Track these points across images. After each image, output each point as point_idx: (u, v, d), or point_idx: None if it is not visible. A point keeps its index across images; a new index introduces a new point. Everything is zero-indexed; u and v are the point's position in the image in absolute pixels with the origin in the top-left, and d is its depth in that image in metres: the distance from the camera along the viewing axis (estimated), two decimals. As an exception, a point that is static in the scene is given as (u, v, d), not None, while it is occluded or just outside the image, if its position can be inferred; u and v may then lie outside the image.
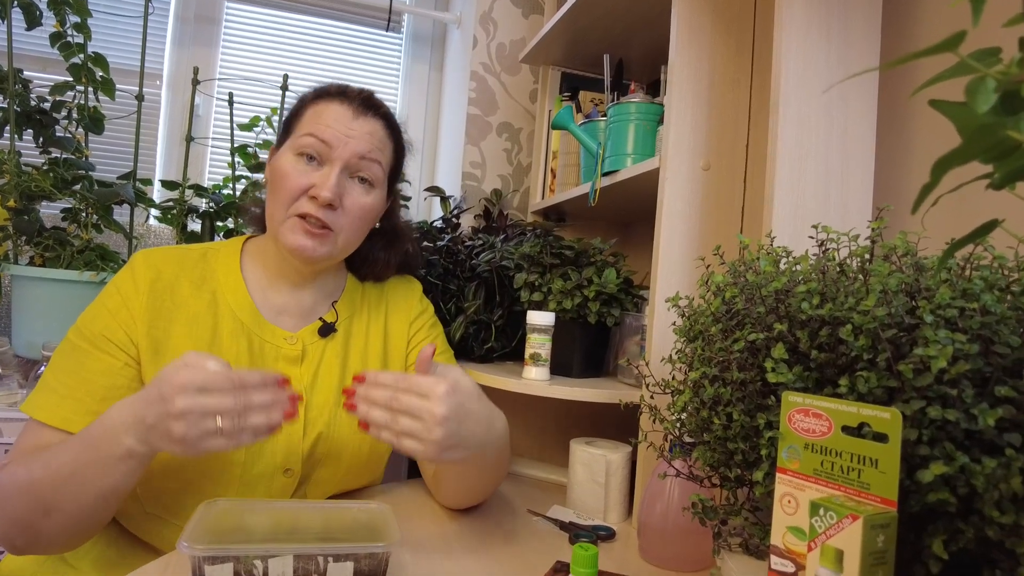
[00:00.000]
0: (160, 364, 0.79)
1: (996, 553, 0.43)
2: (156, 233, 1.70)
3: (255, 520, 0.69)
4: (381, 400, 0.68)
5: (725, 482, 0.58)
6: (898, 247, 0.53)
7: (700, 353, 0.58)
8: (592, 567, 0.61)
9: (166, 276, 0.84)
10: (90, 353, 0.78)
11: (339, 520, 0.71)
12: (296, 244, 0.82)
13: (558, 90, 1.50)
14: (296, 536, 0.65)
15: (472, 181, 1.59)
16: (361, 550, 0.62)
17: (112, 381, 0.78)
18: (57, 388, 0.77)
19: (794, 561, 0.46)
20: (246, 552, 0.60)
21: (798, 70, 0.78)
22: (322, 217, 0.81)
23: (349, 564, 0.62)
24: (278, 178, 0.83)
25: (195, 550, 0.58)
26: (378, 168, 0.86)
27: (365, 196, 0.85)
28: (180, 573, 0.69)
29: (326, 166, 0.82)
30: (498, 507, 0.98)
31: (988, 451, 0.43)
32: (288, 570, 0.61)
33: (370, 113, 0.86)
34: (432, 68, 1.99)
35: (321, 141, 0.82)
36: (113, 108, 1.55)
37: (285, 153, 0.84)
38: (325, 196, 0.80)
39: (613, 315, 1.06)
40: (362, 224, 0.87)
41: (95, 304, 0.82)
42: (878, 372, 0.45)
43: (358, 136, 0.83)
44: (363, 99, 0.86)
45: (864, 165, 0.81)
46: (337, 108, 0.84)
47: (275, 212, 0.84)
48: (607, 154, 1.08)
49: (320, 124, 0.82)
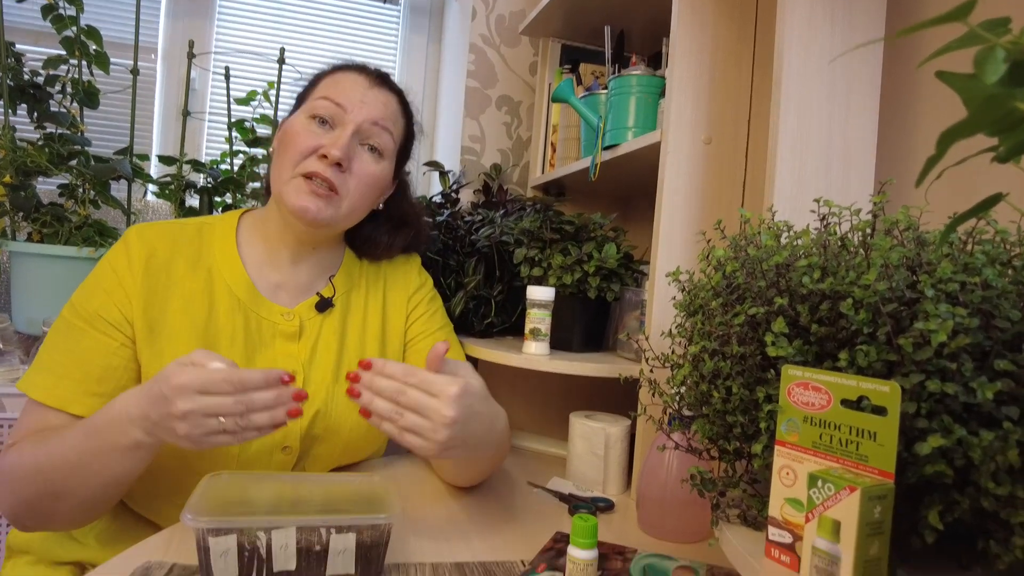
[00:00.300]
0: (156, 344, 0.79)
1: (991, 524, 0.44)
2: (154, 209, 1.70)
3: (258, 492, 0.69)
4: (387, 391, 0.66)
5: (723, 455, 0.58)
6: (900, 221, 0.53)
7: (700, 327, 0.58)
8: (591, 537, 0.62)
9: (161, 254, 0.83)
10: (86, 332, 0.78)
11: (341, 492, 0.71)
12: (300, 204, 0.81)
13: (558, 62, 1.48)
14: (299, 508, 0.66)
15: (471, 155, 1.57)
16: (363, 522, 0.63)
17: (108, 361, 0.78)
18: (53, 368, 0.77)
19: (792, 532, 0.46)
20: (249, 524, 0.61)
21: (801, 43, 0.77)
22: (330, 177, 0.81)
23: (351, 535, 0.63)
24: (288, 138, 0.83)
25: (199, 522, 0.59)
26: (388, 138, 0.86)
27: (374, 164, 0.86)
28: (184, 545, 0.70)
29: (338, 128, 0.83)
30: (499, 480, 0.99)
31: (986, 424, 0.43)
32: (291, 541, 0.62)
33: (386, 87, 0.88)
34: (431, 40, 1.96)
35: (335, 104, 0.83)
36: (108, 82, 1.54)
37: (298, 116, 0.85)
38: (335, 154, 0.80)
39: (613, 290, 1.06)
40: (367, 192, 0.86)
41: (89, 281, 0.81)
42: (878, 346, 0.45)
43: (372, 103, 0.85)
44: (379, 74, 0.89)
45: (867, 139, 0.81)
46: (354, 77, 0.86)
47: (281, 172, 0.83)
48: (608, 128, 1.07)
49: (336, 88, 0.84)
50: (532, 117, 1.60)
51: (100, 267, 0.82)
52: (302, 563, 0.62)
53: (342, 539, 0.63)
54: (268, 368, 0.67)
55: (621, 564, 0.70)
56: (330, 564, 0.63)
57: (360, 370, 0.68)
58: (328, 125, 0.83)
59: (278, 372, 0.65)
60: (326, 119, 0.83)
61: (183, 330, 0.81)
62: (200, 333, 0.81)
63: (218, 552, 0.60)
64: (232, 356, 0.82)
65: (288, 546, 0.61)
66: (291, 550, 0.62)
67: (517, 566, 0.70)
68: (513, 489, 0.95)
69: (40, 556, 0.85)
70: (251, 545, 0.61)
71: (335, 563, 0.63)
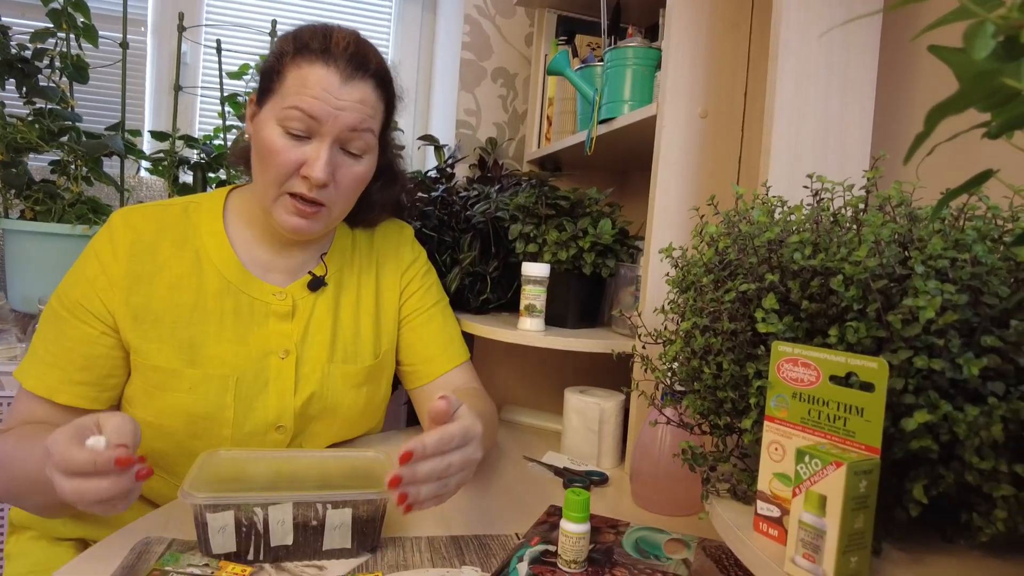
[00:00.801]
0: (142, 330, 0.79)
1: (974, 497, 0.45)
2: (148, 185, 1.68)
3: (255, 469, 0.70)
4: (431, 475, 0.61)
5: (715, 429, 0.59)
6: (892, 197, 0.52)
7: (692, 304, 0.59)
8: (584, 511, 0.63)
9: (146, 237, 0.82)
10: (69, 321, 0.78)
11: (337, 468, 0.72)
12: (290, 225, 0.80)
13: (554, 34, 1.45)
14: (295, 484, 0.67)
15: (466, 129, 1.56)
16: (359, 497, 0.64)
17: (90, 351, 0.78)
18: (44, 356, 0.77)
19: (779, 506, 0.47)
20: (246, 500, 0.62)
21: (798, 15, 0.75)
22: (315, 197, 0.79)
23: (348, 511, 0.64)
24: (265, 151, 0.78)
25: (197, 498, 0.60)
26: (370, 136, 0.81)
27: (358, 166, 0.82)
28: (182, 521, 0.71)
29: (315, 139, 0.78)
30: (494, 454, 1.00)
31: (972, 399, 0.43)
32: (287, 517, 0.62)
33: (359, 75, 0.78)
34: (425, 10, 1.93)
35: (309, 116, 0.76)
36: (97, 56, 1.51)
37: (269, 122, 0.78)
38: (318, 178, 0.76)
39: (608, 266, 1.06)
40: (356, 191, 0.85)
41: (74, 269, 0.81)
42: (868, 322, 0.46)
43: (348, 107, 0.77)
44: (349, 58, 0.78)
45: (863, 112, 0.80)
46: (322, 74, 0.76)
47: (266, 187, 0.80)
48: (604, 101, 1.06)
49: (305, 95, 0.76)
50: (528, 90, 1.58)
51: (85, 254, 0.81)
52: (299, 538, 0.63)
53: (338, 514, 0.64)
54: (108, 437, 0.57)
55: (614, 537, 0.71)
56: (327, 538, 0.64)
57: (399, 468, 0.59)
58: (304, 135, 0.78)
59: (108, 455, 0.55)
60: (301, 131, 0.77)
61: (169, 313, 0.80)
62: (187, 316, 0.81)
63: (216, 527, 0.61)
64: (223, 337, 0.82)
65: (285, 521, 0.62)
66: (288, 525, 0.63)
67: (512, 539, 0.71)
68: (509, 463, 0.96)
69: (42, 532, 0.87)
70: (248, 520, 0.62)
71: (332, 537, 0.64)
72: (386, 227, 1.01)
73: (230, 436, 0.81)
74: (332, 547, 0.65)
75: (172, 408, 0.79)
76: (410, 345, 0.98)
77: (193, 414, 0.79)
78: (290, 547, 0.63)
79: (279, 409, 0.83)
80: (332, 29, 0.81)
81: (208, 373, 0.80)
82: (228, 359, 0.81)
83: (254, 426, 0.82)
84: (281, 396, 0.83)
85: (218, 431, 0.80)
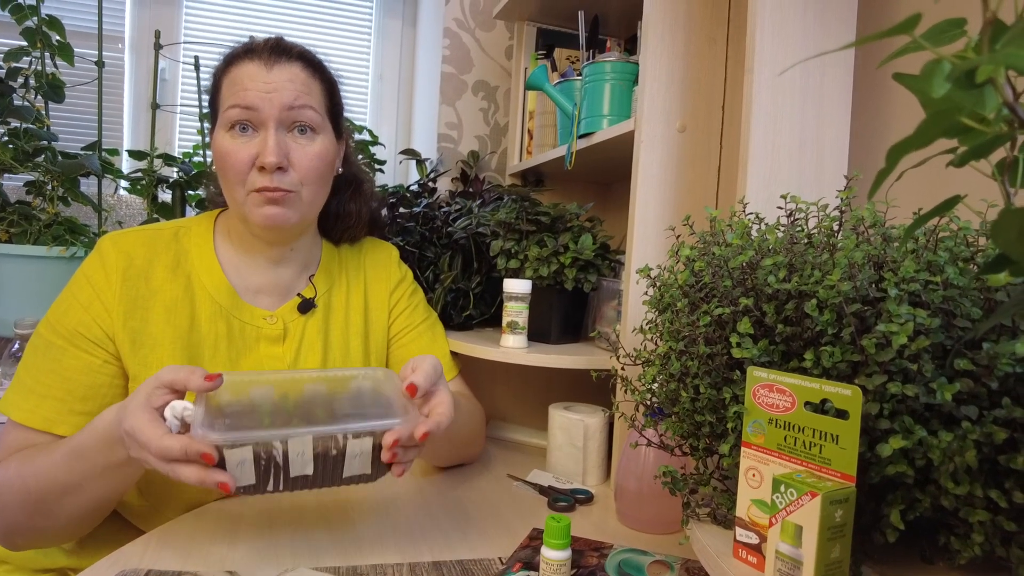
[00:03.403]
0: (140, 355, 0.78)
1: (952, 520, 0.44)
2: (127, 204, 1.67)
3: (259, 395, 0.68)
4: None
5: (694, 452, 0.58)
6: (866, 218, 0.52)
7: (669, 326, 0.58)
8: (564, 538, 0.62)
9: (138, 262, 0.81)
10: (66, 351, 0.76)
11: (344, 391, 0.71)
12: (264, 216, 0.79)
13: (534, 47, 1.45)
14: (304, 409, 0.66)
15: (448, 143, 1.55)
16: (379, 426, 0.63)
17: (92, 380, 0.76)
18: (35, 388, 0.75)
19: (758, 533, 0.47)
20: (266, 437, 0.60)
21: (774, 30, 0.76)
22: (277, 184, 0.78)
23: (368, 439, 0.63)
24: (221, 159, 0.79)
25: (213, 437, 0.57)
26: (311, 112, 0.81)
27: (311, 145, 0.82)
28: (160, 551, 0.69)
29: (261, 130, 0.79)
30: (479, 472, 0.99)
31: (947, 423, 0.43)
32: (307, 449, 0.61)
33: (283, 59, 0.80)
34: (405, 23, 1.92)
35: (245, 108, 0.78)
36: (74, 74, 1.50)
37: (219, 132, 0.80)
38: (270, 161, 0.77)
39: (590, 280, 1.05)
40: (320, 173, 0.83)
41: (65, 295, 0.79)
42: (842, 346, 0.45)
43: (278, 87, 0.78)
44: (271, 47, 0.81)
45: (840, 129, 0.80)
46: (248, 67, 0.79)
47: (234, 194, 0.81)
48: (583, 115, 1.05)
49: (238, 90, 0.78)
50: (509, 103, 1.58)
51: (75, 280, 0.80)
52: (319, 467, 0.62)
53: (359, 443, 0.63)
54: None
55: (597, 560, 0.70)
56: (347, 466, 0.63)
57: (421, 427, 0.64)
58: (251, 130, 0.79)
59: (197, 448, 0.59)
60: (246, 125, 0.79)
61: (166, 338, 0.79)
62: (183, 341, 0.80)
63: (234, 462, 0.59)
64: (216, 362, 0.81)
65: (304, 453, 0.61)
66: (307, 456, 0.61)
67: (495, 563, 0.70)
68: (493, 482, 0.96)
69: (20, 564, 0.85)
70: (267, 454, 0.60)
71: (352, 465, 0.63)
72: (373, 248, 1.02)
73: None
74: (352, 474, 0.64)
75: None
76: (401, 362, 0.98)
77: None
78: (310, 476, 0.62)
79: None
80: (253, 36, 0.84)
81: None
82: None
83: None
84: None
85: None
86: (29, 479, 0.69)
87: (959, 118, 0.26)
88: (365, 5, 1.91)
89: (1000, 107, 0.26)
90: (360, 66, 1.92)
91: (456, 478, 0.96)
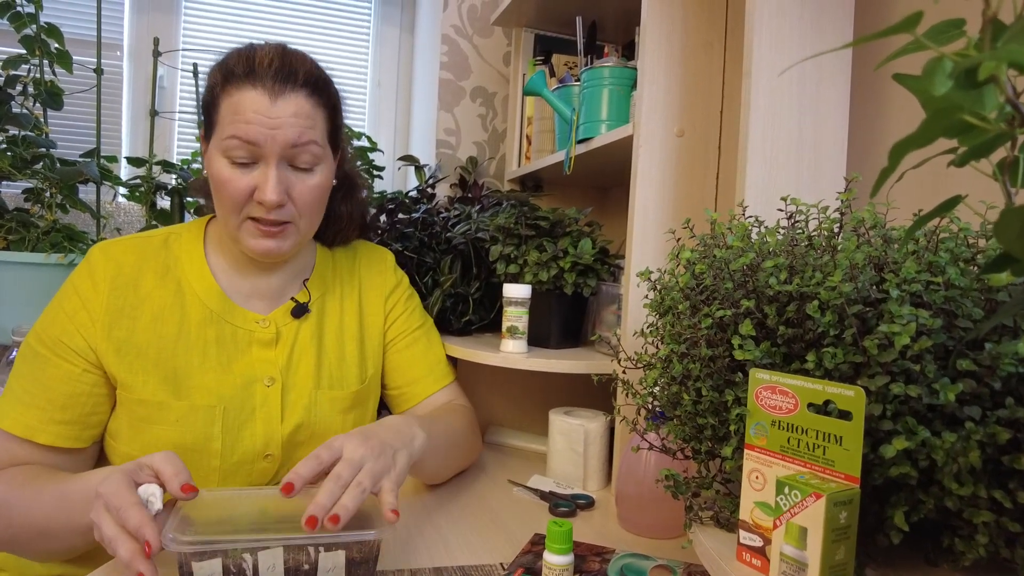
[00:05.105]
0: (126, 363, 0.78)
1: (956, 521, 0.44)
2: (125, 211, 1.66)
3: (241, 509, 0.68)
4: (332, 493, 0.61)
5: (696, 455, 0.58)
6: (866, 219, 0.52)
7: (670, 329, 0.58)
8: (566, 543, 0.62)
9: (127, 270, 0.81)
10: (49, 360, 0.76)
11: None
12: (259, 248, 0.79)
13: (532, 53, 1.46)
14: (285, 525, 0.64)
15: (447, 149, 1.56)
16: (352, 538, 0.61)
17: (72, 389, 0.76)
18: (21, 396, 0.76)
19: (762, 536, 0.46)
20: (234, 545, 0.58)
21: (771, 34, 0.76)
22: (275, 218, 0.78)
23: (341, 553, 0.61)
24: (218, 185, 0.78)
25: (181, 545, 0.57)
26: (315, 147, 0.79)
27: (311, 179, 0.80)
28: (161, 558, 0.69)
29: (261, 163, 0.77)
30: (479, 478, 0.99)
31: (949, 423, 0.43)
32: (278, 562, 0.60)
33: (288, 88, 0.76)
34: (403, 30, 1.93)
35: (246, 142, 0.75)
36: (73, 82, 1.50)
37: (215, 155, 0.77)
38: (271, 200, 0.75)
39: (589, 285, 1.05)
40: (318, 204, 0.83)
41: (53, 305, 0.79)
42: (844, 347, 0.45)
43: (283, 124, 0.75)
44: (275, 73, 0.76)
45: (837, 132, 0.80)
46: (252, 96, 0.75)
47: (226, 218, 0.80)
48: (581, 121, 1.06)
49: (240, 122, 0.75)
50: (507, 109, 1.58)
51: (64, 291, 0.80)
52: None
53: (331, 557, 0.61)
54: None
55: (599, 565, 0.70)
56: None
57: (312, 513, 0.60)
58: (250, 160, 0.77)
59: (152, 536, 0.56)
60: (245, 158, 0.76)
61: (153, 345, 0.79)
62: (171, 347, 0.80)
63: (203, 575, 0.58)
64: (207, 367, 0.81)
65: (275, 567, 0.60)
66: (279, 570, 0.60)
67: (496, 569, 0.70)
68: (494, 487, 0.95)
69: (18, 572, 0.84)
70: (237, 568, 0.59)
71: None
72: (368, 253, 1.01)
73: (218, 467, 0.79)
74: None
75: (159, 441, 0.77)
76: (396, 368, 0.98)
77: (180, 446, 0.78)
78: None
79: (266, 437, 0.82)
80: (256, 48, 0.79)
81: (194, 404, 0.79)
82: (213, 388, 0.80)
83: (242, 455, 0.81)
84: (268, 424, 0.82)
85: (206, 462, 0.79)
86: (14, 509, 0.69)
87: (960, 116, 0.26)
88: (363, 12, 1.92)
89: (1001, 106, 0.27)
90: (358, 73, 1.92)
91: (456, 484, 0.95)
